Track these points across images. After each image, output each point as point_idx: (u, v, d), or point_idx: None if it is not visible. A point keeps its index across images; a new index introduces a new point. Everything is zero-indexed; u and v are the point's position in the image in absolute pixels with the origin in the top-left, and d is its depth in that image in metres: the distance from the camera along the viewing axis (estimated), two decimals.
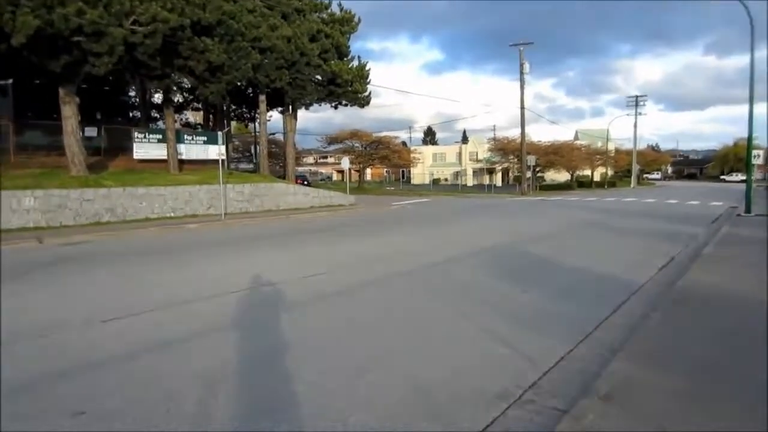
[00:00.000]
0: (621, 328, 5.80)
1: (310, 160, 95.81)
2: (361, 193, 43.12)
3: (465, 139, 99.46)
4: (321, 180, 74.56)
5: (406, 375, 4.56)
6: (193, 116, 40.65)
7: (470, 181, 73.96)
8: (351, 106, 30.73)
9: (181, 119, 36.78)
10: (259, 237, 14.93)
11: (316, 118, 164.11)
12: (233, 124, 42.82)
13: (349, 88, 29.10)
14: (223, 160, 21.37)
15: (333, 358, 4.94)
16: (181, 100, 34.52)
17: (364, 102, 30.47)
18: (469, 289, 7.79)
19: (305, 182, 40.59)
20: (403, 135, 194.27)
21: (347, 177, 32.28)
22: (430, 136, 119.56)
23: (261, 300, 7.19)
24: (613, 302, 6.94)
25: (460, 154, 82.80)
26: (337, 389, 4.28)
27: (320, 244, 13.22)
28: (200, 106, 33.61)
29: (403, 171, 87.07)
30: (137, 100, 31.57)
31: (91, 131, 23.35)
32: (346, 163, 29.28)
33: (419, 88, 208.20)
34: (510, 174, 70.13)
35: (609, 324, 6.04)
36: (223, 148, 21.13)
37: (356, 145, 53.53)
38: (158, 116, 32.29)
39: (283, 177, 30.34)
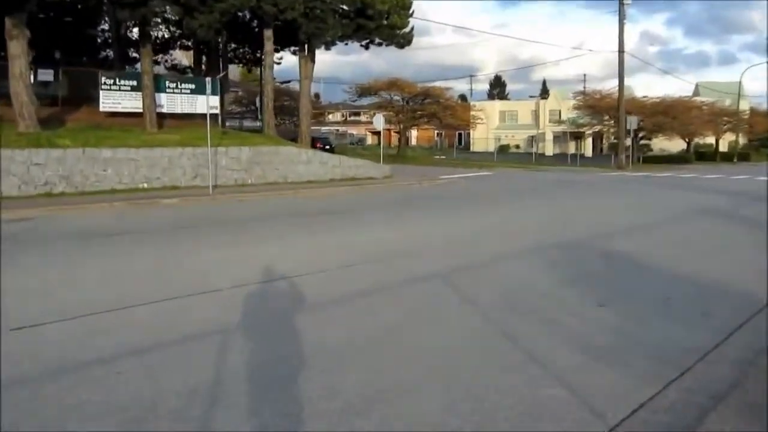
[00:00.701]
0: (732, 364, 5.30)
1: (339, 117, 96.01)
2: (401, 162, 42.74)
3: (545, 93, 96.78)
4: (351, 144, 74.44)
5: (409, 424, 4.21)
6: (185, 57, 40.91)
7: (549, 149, 72.42)
8: (387, 45, 30.28)
9: (167, 61, 37.02)
10: (254, 218, 14.81)
11: (349, 64, 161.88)
12: (234, 68, 42.91)
13: (384, 21, 28.58)
14: (215, 115, 21.35)
15: (311, 394, 4.63)
16: (167, 36, 34.63)
17: (404, 40, 29.98)
18: (522, 299, 7.39)
19: (327, 146, 40.55)
20: (462, 86, 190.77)
21: (382, 140, 31.99)
22: (498, 89, 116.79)
23: (231, 305, 6.95)
24: (725, 325, 6.41)
25: (536, 112, 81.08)
26: None
27: (330, 230, 13.00)
28: (190, 44, 33.70)
29: (460, 134, 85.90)
30: (110, 35, 31.90)
31: (47, 74, 23.69)
32: (379, 121, 29.02)
33: (485, 24, 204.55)
34: (604, 141, 68.37)
35: (716, 357, 5.54)
36: (215, 99, 21.13)
37: (396, 98, 52.97)
38: (137, 56, 32.57)
39: (296, 139, 30.29)
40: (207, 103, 20.74)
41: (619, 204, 19.16)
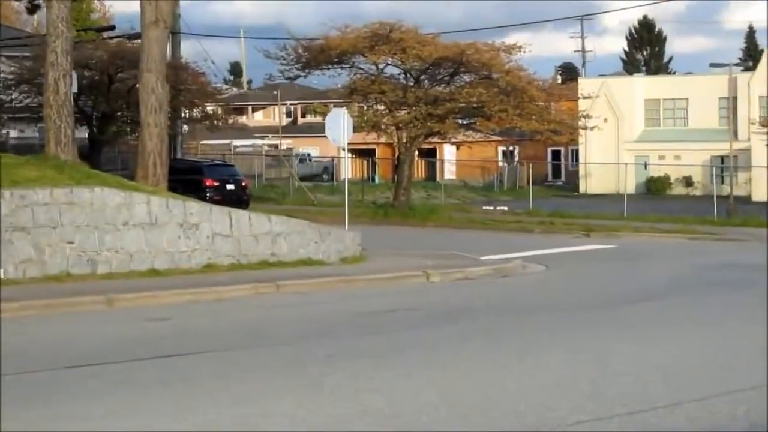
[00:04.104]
0: None
1: (285, 118, 56.41)
2: (406, 219, 26.61)
3: (751, 57, 53.31)
4: (303, 180, 39.46)
5: None
6: None
7: (762, 187, 38.89)
8: None
9: None
10: None
11: (320, 3, 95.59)
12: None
13: None
14: None
15: None
16: None
17: None
18: None
19: (231, 188, 25.84)
20: (566, 48, 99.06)
21: (347, 173, 20.73)
22: (647, 50, 63.25)
23: None
24: None
25: (732, 102, 41.03)
26: None
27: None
28: None
29: (556, 154, 49.83)
30: None
31: None
32: (341, 125, 17.15)
33: None
34: None
35: None
36: None
37: (389, 70, 27.33)
38: None
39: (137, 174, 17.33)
40: None
41: None
